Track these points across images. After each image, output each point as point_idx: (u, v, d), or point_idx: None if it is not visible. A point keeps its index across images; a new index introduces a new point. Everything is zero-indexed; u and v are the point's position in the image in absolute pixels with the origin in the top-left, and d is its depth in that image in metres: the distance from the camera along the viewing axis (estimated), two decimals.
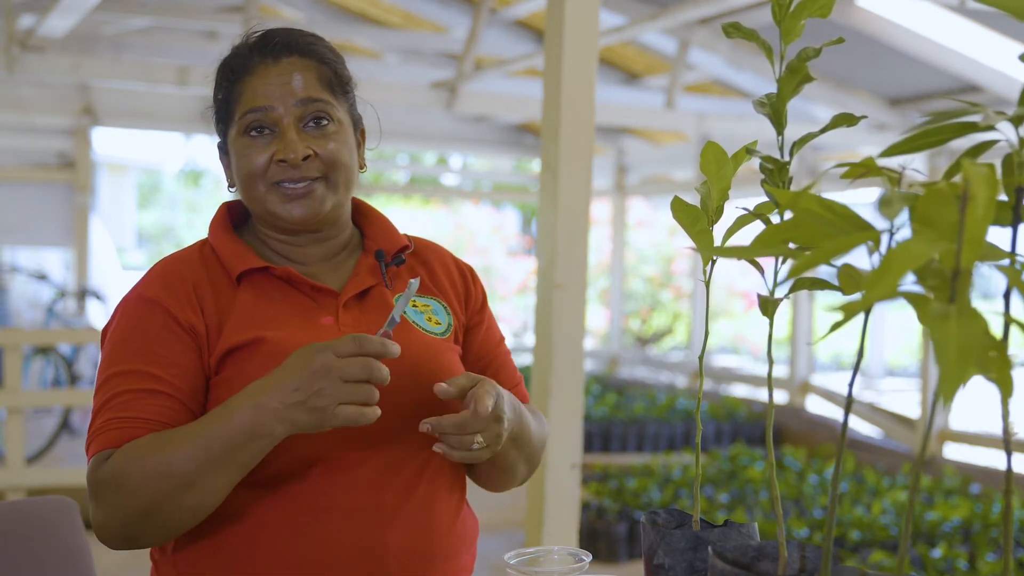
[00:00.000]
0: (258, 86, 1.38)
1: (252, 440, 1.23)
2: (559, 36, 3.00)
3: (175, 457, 1.24)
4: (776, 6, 1.01)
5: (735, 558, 0.98)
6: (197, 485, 1.24)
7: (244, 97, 1.39)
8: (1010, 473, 0.74)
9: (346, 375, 1.20)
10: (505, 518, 4.88)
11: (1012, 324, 0.68)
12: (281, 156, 1.36)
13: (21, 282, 9.00)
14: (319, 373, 1.20)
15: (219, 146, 1.48)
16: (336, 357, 1.20)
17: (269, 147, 1.37)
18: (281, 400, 1.21)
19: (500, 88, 7.01)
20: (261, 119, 1.38)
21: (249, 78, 1.39)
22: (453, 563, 1.40)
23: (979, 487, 5.41)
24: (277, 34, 1.43)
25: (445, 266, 1.54)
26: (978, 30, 5.28)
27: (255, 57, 1.41)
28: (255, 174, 1.38)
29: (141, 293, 1.37)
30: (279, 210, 1.39)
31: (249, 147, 1.38)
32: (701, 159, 1.09)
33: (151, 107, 8.53)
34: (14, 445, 4.70)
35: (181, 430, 1.27)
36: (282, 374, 1.23)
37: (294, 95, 1.38)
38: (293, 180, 1.37)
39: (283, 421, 1.22)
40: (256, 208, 1.41)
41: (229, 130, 1.42)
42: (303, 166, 1.37)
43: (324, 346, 1.22)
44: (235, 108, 1.40)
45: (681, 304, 11.78)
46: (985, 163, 0.69)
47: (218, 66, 1.45)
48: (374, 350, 1.21)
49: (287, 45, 1.41)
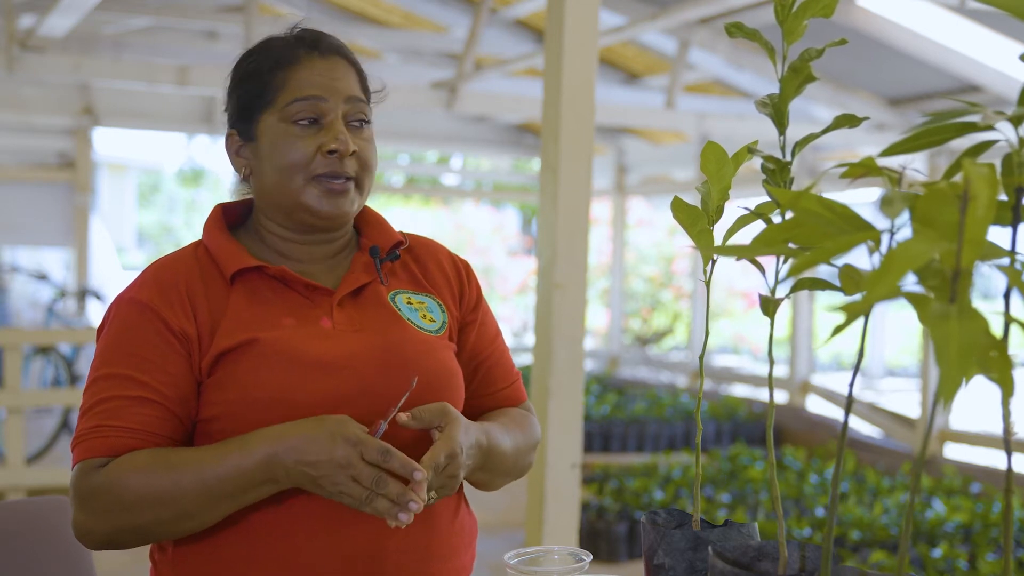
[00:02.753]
0: (308, 76, 1.38)
1: (261, 484, 1.26)
2: (559, 36, 3.00)
3: (179, 488, 1.25)
4: (779, 6, 1.01)
5: (735, 558, 0.98)
6: (199, 515, 1.27)
7: (291, 85, 1.38)
8: (1010, 473, 0.74)
9: (360, 479, 1.22)
10: (505, 518, 4.89)
11: (1012, 324, 0.68)
12: (332, 147, 1.36)
13: (21, 282, 9.00)
14: (338, 464, 1.22)
15: (237, 134, 1.44)
16: (360, 459, 1.22)
17: (315, 138, 1.37)
18: (296, 462, 1.23)
19: (500, 88, 7.01)
20: (311, 109, 1.37)
21: (296, 68, 1.39)
22: (452, 563, 1.39)
23: (979, 487, 5.41)
24: (322, 33, 1.44)
25: (439, 262, 1.53)
26: (978, 30, 5.28)
27: (301, 49, 1.40)
28: (297, 164, 1.37)
29: (134, 296, 1.36)
30: (315, 203, 1.38)
31: (293, 135, 1.37)
32: (701, 159, 1.09)
33: (151, 107, 8.54)
34: (14, 445, 4.70)
35: (189, 458, 1.27)
36: (306, 441, 1.23)
37: (343, 92, 1.39)
38: (336, 175, 1.37)
39: (291, 478, 1.25)
40: (284, 199, 1.39)
41: (262, 117, 1.40)
42: (346, 160, 1.37)
43: (356, 440, 1.22)
44: (276, 95, 1.38)
45: (681, 304, 11.78)
46: (985, 163, 0.69)
47: (246, 53, 1.43)
48: (396, 469, 1.22)
49: (333, 46, 1.43)
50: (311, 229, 1.43)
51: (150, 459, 1.27)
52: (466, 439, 1.32)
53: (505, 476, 1.47)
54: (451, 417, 1.31)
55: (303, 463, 1.23)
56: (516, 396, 1.56)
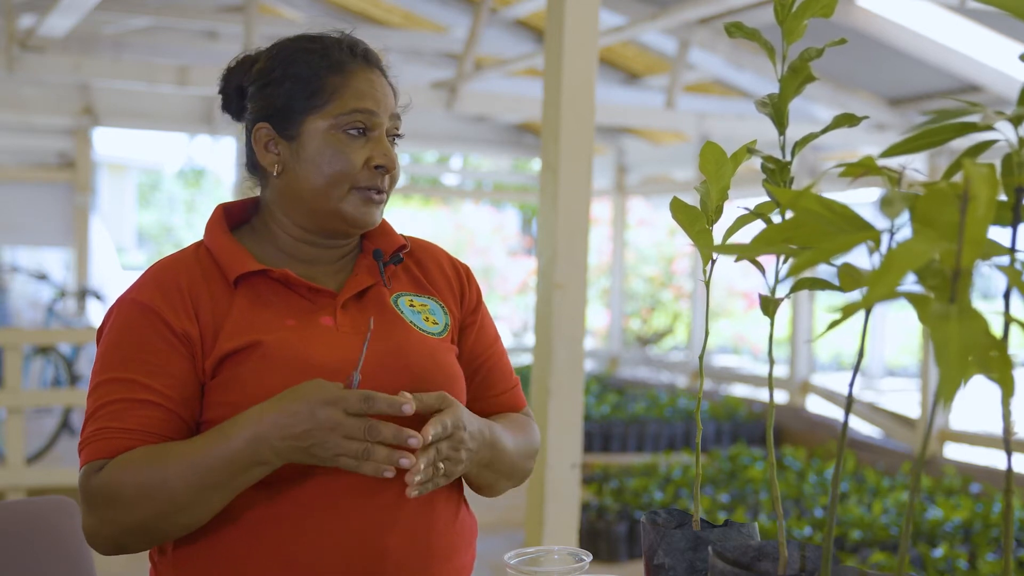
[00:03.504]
0: (364, 88, 1.39)
1: (249, 468, 1.25)
2: (559, 36, 3.00)
3: (170, 480, 1.25)
4: (779, 6, 1.01)
5: (735, 558, 0.98)
6: (192, 506, 1.26)
7: (348, 93, 1.38)
8: (1010, 473, 0.74)
9: (351, 434, 1.22)
10: (505, 518, 4.89)
11: (1012, 324, 0.68)
12: (381, 163, 1.38)
13: (21, 282, 9.00)
14: (324, 427, 1.21)
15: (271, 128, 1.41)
16: (344, 415, 1.22)
17: (364, 149, 1.39)
18: (282, 439, 1.23)
19: (500, 88, 7.01)
20: (366, 120, 1.39)
21: (351, 77, 1.40)
22: (452, 563, 1.39)
23: (979, 487, 5.41)
24: (365, 44, 1.46)
25: (440, 265, 1.54)
26: (978, 30, 5.28)
27: (354, 58, 1.42)
28: (345, 173, 1.38)
29: (135, 297, 1.36)
30: (355, 212, 1.39)
31: (345, 144, 1.38)
32: (700, 159, 1.09)
33: (151, 107, 8.54)
34: (14, 445, 4.70)
35: (177, 451, 1.28)
36: (287, 415, 1.23)
37: (390, 108, 1.42)
38: (377, 188, 1.40)
39: (281, 456, 1.24)
40: (320, 203, 1.39)
41: (306, 119, 1.39)
42: (386, 177, 1.41)
43: (334, 398, 1.22)
44: (331, 99, 1.38)
45: (681, 304, 11.78)
46: (985, 163, 0.69)
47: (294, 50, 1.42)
48: (383, 410, 1.22)
49: (377, 59, 1.45)
50: (334, 235, 1.43)
51: (142, 455, 1.28)
52: (471, 423, 1.33)
53: (508, 478, 1.47)
54: (449, 401, 1.32)
55: (290, 437, 1.22)
56: (515, 401, 1.56)
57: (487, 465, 1.40)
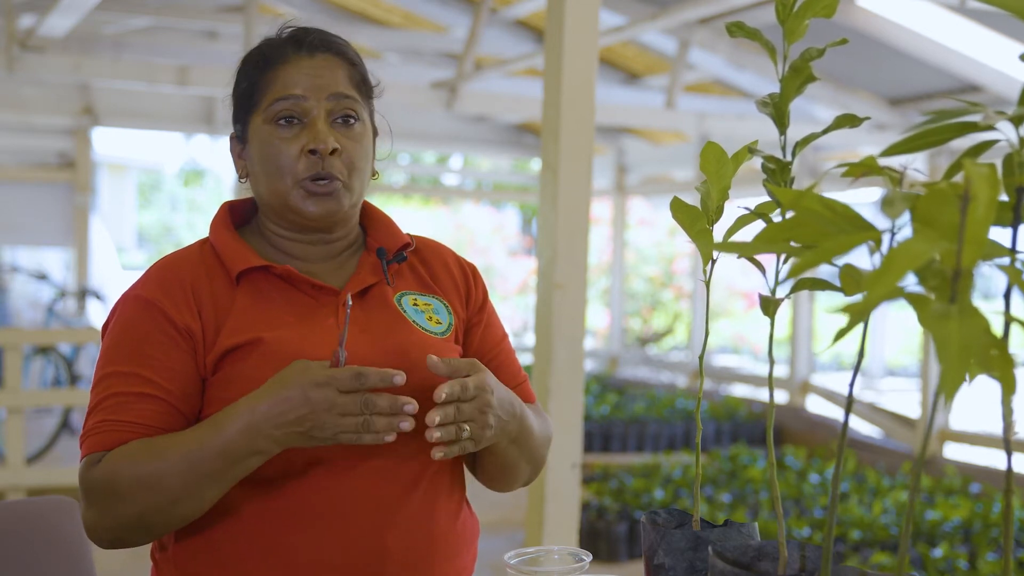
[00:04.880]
0: (291, 75, 1.38)
1: (245, 458, 1.25)
2: (559, 36, 3.00)
3: (166, 471, 1.25)
4: (780, 6, 1.01)
5: (735, 558, 0.98)
6: (188, 498, 1.26)
7: (275, 85, 1.38)
8: (1010, 473, 0.74)
9: (347, 411, 1.22)
10: (505, 518, 4.88)
11: (1013, 323, 0.68)
12: (311, 146, 1.35)
13: (21, 282, 9.00)
14: (320, 409, 1.22)
15: (234, 136, 1.46)
16: (338, 393, 1.22)
17: (298, 138, 1.36)
18: (278, 426, 1.23)
19: (500, 88, 7.00)
20: (291, 108, 1.37)
21: (281, 67, 1.38)
22: (453, 563, 1.39)
23: (979, 487, 5.41)
24: (312, 31, 1.43)
25: (446, 264, 1.53)
26: (978, 30, 5.28)
27: (288, 49, 1.40)
28: (284, 166, 1.36)
29: (139, 293, 1.37)
30: (301, 205, 1.38)
31: (276, 136, 1.37)
32: (701, 159, 1.09)
33: (151, 107, 8.53)
34: (14, 445, 4.70)
35: (173, 442, 1.28)
36: (280, 403, 1.23)
37: (326, 89, 1.38)
38: (319, 177, 1.36)
39: (279, 443, 1.24)
40: (275, 200, 1.40)
41: (251, 119, 1.40)
42: (329, 160, 1.36)
43: (326, 379, 1.22)
44: (263, 96, 1.38)
45: (681, 304, 11.77)
46: (986, 163, 0.69)
47: (244, 56, 1.44)
48: (375, 384, 1.22)
49: (323, 42, 1.41)
50: (305, 229, 1.43)
51: (138, 447, 1.28)
52: (498, 389, 1.32)
53: (528, 462, 1.47)
54: (480, 367, 1.32)
55: (287, 424, 1.22)
56: (525, 397, 1.55)
57: (515, 440, 1.39)
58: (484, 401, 1.29)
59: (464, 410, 1.27)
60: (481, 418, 1.29)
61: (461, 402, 1.27)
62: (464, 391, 1.27)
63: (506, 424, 1.35)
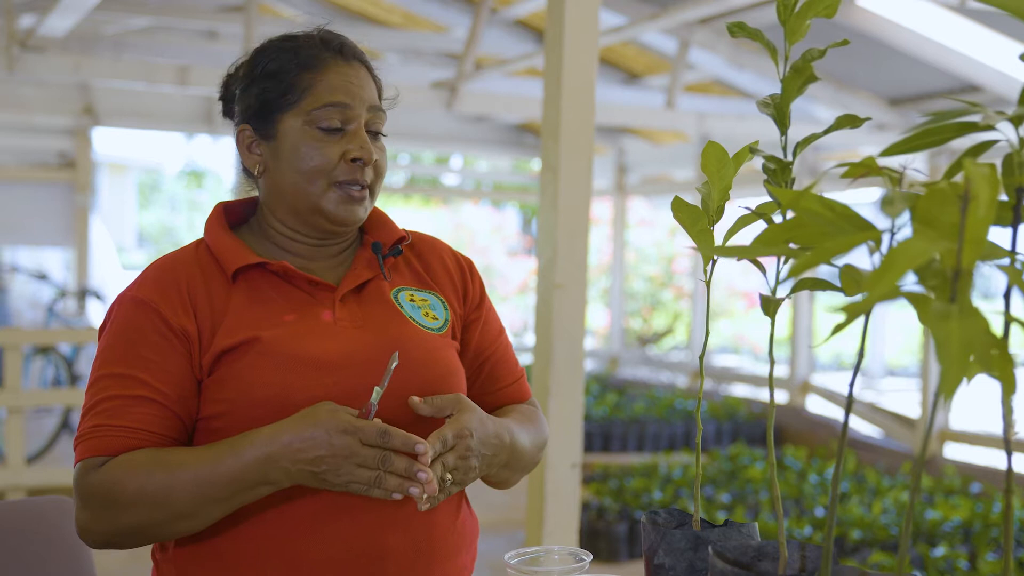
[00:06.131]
0: (336, 82, 1.38)
1: (256, 486, 1.25)
2: (559, 36, 3.00)
3: (174, 489, 1.25)
4: (781, 6, 1.00)
5: (735, 558, 0.98)
6: (192, 516, 1.26)
7: (319, 89, 1.38)
8: (1010, 473, 0.74)
9: (364, 463, 1.22)
10: (505, 518, 4.88)
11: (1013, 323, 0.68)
12: (357, 156, 1.37)
13: (21, 282, 9.00)
14: (339, 454, 1.22)
15: (251, 130, 1.42)
16: (360, 444, 1.22)
17: (339, 144, 1.37)
18: (295, 461, 1.23)
19: (500, 88, 7.00)
20: (338, 115, 1.37)
21: (323, 72, 1.38)
22: (453, 563, 1.39)
23: (979, 487, 5.41)
24: (342, 37, 1.44)
25: (443, 260, 1.53)
26: (978, 30, 5.28)
27: (326, 52, 1.40)
28: (321, 169, 1.37)
29: (134, 294, 1.36)
30: (335, 209, 1.38)
31: (317, 139, 1.37)
32: (702, 159, 1.09)
33: (151, 107, 8.53)
34: (14, 445, 4.70)
35: (184, 460, 1.27)
36: (302, 440, 1.23)
37: (367, 100, 1.40)
38: (355, 183, 1.38)
39: (291, 478, 1.25)
40: (301, 201, 1.39)
41: (284, 116, 1.39)
42: (366, 169, 1.39)
43: (352, 428, 1.22)
44: (302, 98, 1.38)
45: (681, 304, 11.77)
46: (986, 163, 0.69)
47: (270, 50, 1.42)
48: (397, 447, 1.23)
49: (355, 51, 1.43)
50: (321, 232, 1.43)
51: (147, 460, 1.27)
52: (480, 428, 1.32)
53: (523, 472, 1.49)
54: (464, 406, 1.32)
55: (304, 462, 1.22)
56: (521, 393, 1.56)
57: (505, 465, 1.40)
58: (465, 447, 1.29)
59: (447, 462, 1.28)
60: (464, 464, 1.30)
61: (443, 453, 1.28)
62: (444, 445, 1.27)
63: (493, 458, 1.36)
